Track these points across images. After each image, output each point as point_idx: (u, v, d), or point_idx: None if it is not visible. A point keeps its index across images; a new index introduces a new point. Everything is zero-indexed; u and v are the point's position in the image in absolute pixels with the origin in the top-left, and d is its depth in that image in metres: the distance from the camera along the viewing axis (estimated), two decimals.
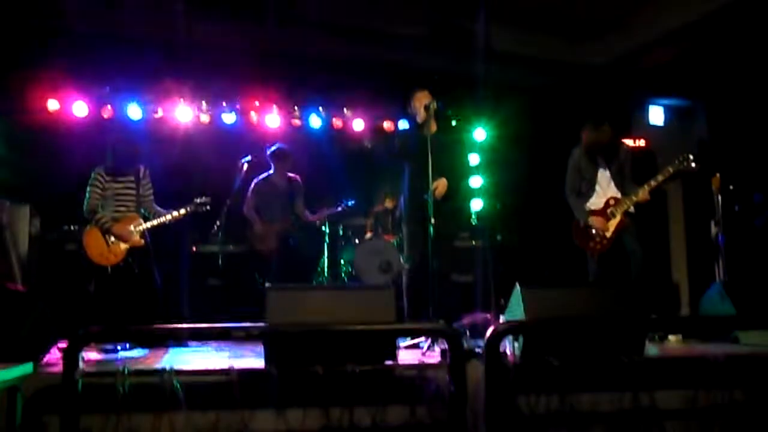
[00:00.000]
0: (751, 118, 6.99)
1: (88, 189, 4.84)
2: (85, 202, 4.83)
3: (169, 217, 4.96)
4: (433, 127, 4.57)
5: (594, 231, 4.90)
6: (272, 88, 7.03)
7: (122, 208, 4.89)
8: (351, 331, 2.77)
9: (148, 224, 4.90)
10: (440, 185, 4.46)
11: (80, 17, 6.04)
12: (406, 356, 3.63)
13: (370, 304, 3.11)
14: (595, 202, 4.98)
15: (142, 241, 4.85)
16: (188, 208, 5.00)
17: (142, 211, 4.99)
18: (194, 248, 6.49)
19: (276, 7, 6.21)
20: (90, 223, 4.82)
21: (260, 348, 3.06)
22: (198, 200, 5.03)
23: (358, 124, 7.42)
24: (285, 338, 2.86)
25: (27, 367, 2.71)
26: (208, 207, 5.08)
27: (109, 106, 6.64)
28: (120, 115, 6.66)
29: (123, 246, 4.80)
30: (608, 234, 4.85)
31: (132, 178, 4.94)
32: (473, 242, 6.91)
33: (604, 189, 4.95)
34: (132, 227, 4.84)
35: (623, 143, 5.16)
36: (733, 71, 6.84)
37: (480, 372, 2.81)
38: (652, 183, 4.73)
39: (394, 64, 7.07)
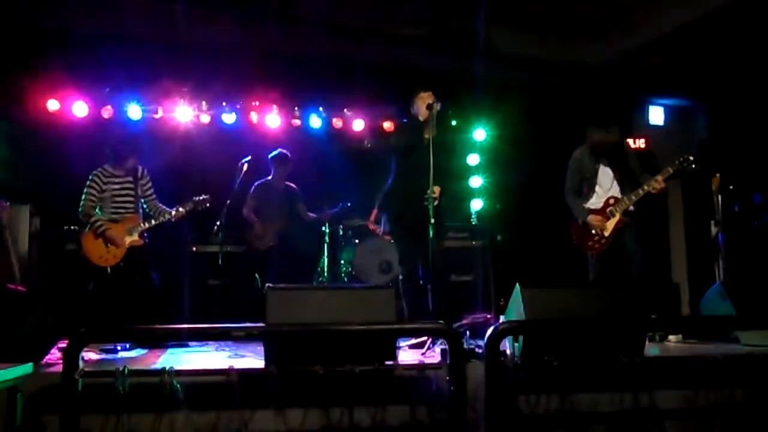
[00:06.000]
0: (751, 119, 6.99)
1: (85, 190, 4.82)
2: (81, 203, 4.81)
3: (168, 216, 4.96)
4: (434, 129, 4.56)
5: (593, 230, 4.90)
6: (272, 88, 7.02)
7: (121, 210, 4.87)
8: (351, 331, 2.77)
9: (146, 224, 4.90)
10: (435, 192, 4.43)
11: (80, 17, 6.04)
12: (406, 356, 3.63)
13: (370, 304, 3.11)
14: (595, 202, 4.97)
15: (142, 241, 4.84)
16: (188, 207, 4.99)
17: (146, 209, 4.99)
18: (194, 248, 6.49)
19: (277, 6, 6.21)
20: (86, 226, 4.81)
21: (260, 348, 3.06)
22: (196, 198, 5.02)
23: (358, 124, 7.42)
24: (285, 338, 2.86)
25: (27, 367, 2.71)
26: (208, 204, 5.07)
27: (109, 106, 6.64)
28: (120, 115, 6.66)
29: (121, 248, 4.79)
30: (606, 233, 4.84)
31: (130, 179, 4.92)
32: (473, 242, 6.91)
33: (605, 189, 4.94)
34: (129, 228, 4.83)
35: (625, 141, 5.15)
36: (734, 71, 6.84)
37: (480, 372, 2.81)
38: (653, 184, 4.71)
39: (395, 64, 7.07)
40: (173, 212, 4.96)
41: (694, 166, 4.62)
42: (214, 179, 6.26)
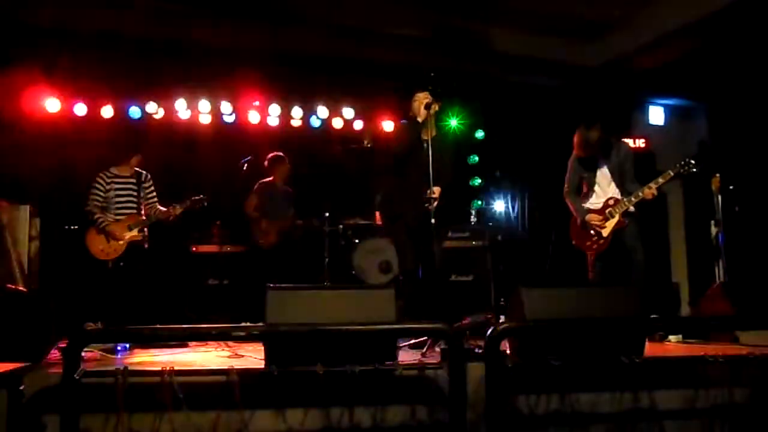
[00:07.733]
0: (751, 119, 6.98)
1: (90, 191, 5.07)
2: (87, 204, 5.07)
3: (166, 214, 5.11)
4: (434, 130, 4.56)
5: (591, 231, 4.90)
6: (272, 88, 7.03)
7: (125, 210, 5.08)
8: (351, 331, 2.77)
9: (146, 221, 5.05)
10: (435, 193, 4.42)
11: (80, 17, 6.04)
12: (406, 356, 3.63)
13: (370, 304, 3.10)
14: (594, 202, 4.97)
15: (141, 236, 5.01)
16: (185, 206, 5.14)
17: (146, 212, 5.11)
18: (194, 248, 6.50)
19: (276, 7, 6.20)
20: (91, 223, 5.05)
21: (260, 348, 3.06)
22: (194, 197, 5.17)
23: (358, 124, 7.43)
24: (285, 338, 2.86)
25: (27, 368, 2.71)
26: (205, 204, 5.21)
27: (109, 106, 6.64)
28: (120, 115, 6.66)
29: (121, 242, 4.98)
30: (605, 234, 4.84)
31: (133, 180, 5.12)
32: (473, 242, 6.91)
33: (604, 189, 4.94)
34: (131, 224, 5.02)
35: (623, 142, 5.14)
36: (734, 72, 6.83)
37: (480, 372, 2.81)
38: (652, 185, 4.72)
39: (394, 64, 7.06)
40: (170, 210, 5.11)
41: (695, 169, 4.62)
42: (214, 179, 6.29)
